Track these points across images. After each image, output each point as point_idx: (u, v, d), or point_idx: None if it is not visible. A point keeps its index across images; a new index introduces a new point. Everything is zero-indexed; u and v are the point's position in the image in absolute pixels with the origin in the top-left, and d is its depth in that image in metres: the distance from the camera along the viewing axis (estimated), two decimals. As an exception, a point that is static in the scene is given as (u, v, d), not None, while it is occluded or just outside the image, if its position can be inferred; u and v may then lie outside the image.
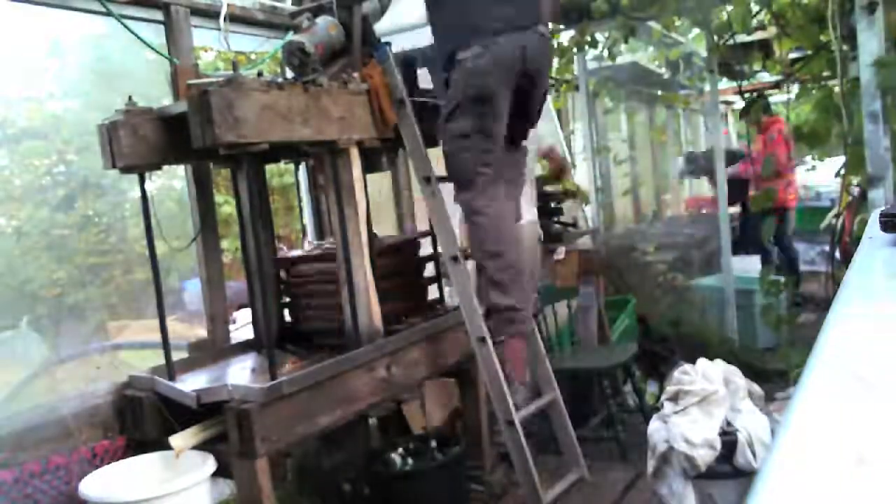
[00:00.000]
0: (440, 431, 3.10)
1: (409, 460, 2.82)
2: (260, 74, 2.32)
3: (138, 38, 2.66)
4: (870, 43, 2.88)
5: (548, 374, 2.86)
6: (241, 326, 3.17)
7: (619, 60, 5.37)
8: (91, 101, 3.08)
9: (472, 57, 2.48)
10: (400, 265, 2.88)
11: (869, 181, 2.92)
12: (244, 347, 2.79)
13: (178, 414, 2.31)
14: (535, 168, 3.58)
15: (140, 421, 2.39)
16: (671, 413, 2.42)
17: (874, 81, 2.86)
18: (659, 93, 7.26)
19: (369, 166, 2.69)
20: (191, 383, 2.39)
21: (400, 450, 2.85)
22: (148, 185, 2.37)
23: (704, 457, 2.28)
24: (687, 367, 2.53)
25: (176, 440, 2.16)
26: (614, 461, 3.36)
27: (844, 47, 3.15)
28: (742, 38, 4.60)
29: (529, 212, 3.64)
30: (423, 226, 3.10)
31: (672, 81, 6.73)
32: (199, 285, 2.83)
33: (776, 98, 6.57)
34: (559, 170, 4.44)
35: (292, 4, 2.74)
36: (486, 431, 3.07)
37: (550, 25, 3.32)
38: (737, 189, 5.49)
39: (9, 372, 2.73)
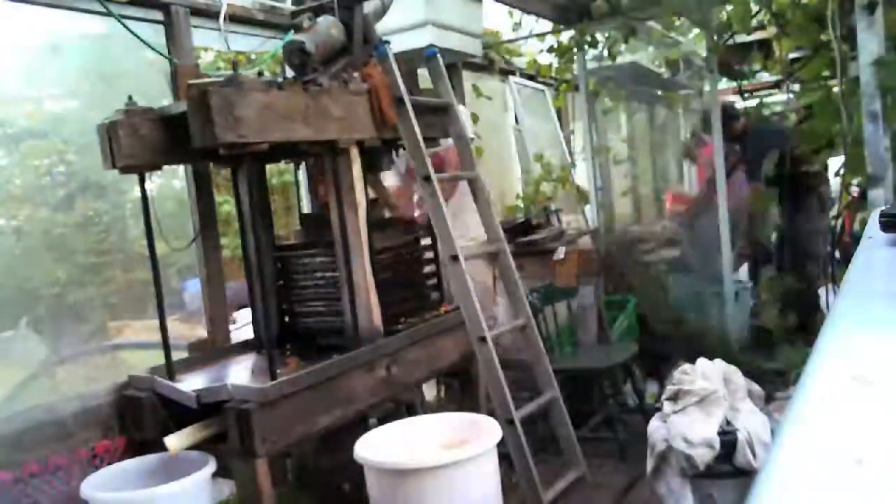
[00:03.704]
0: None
1: (409, 460, 2.82)
2: (260, 74, 2.32)
3: (138, 38, 2.66)
4: (869, 43, 2.88)
5: (548, 373, 2.86)
6: (241, 326, 3.17)
7: (619, 60, 5.37)
8: (91, 101, 3.07)
9: None
10: (399, 262, 2.88)
11: (869, 181, 2.92)
12: (244, 347, 2.80)
13: (178, 414, 2.31)
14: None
15: (140, 421, 2.39)
16: (671, 412, 2.42)
17: (874, 81, 2.86)
18: (659, 93, 7.25)
19: (369, 165, 2.69)
20: (191, 383, 2.39)
21: (400, 450, 2.84)
22: (148, 185, 2.37)
23: (703, 456, 2.28)
24: (687, 366, 2.53)
25: (171, 440, 2.16)
26: (614, 461, 3.36)
27: (844, 47, 3.15)
28: (742, 38, 4.60)
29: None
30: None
31: (672, 81, 6.73)
32: (199, 285, 2.83)
33: (776, 98, 6.57)
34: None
35: (293, 4, 2.74)
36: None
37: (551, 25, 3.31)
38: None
39: (8, 372, 2.73)
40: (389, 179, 3.76)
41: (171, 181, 3.30)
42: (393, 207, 3.80)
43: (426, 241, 3.00)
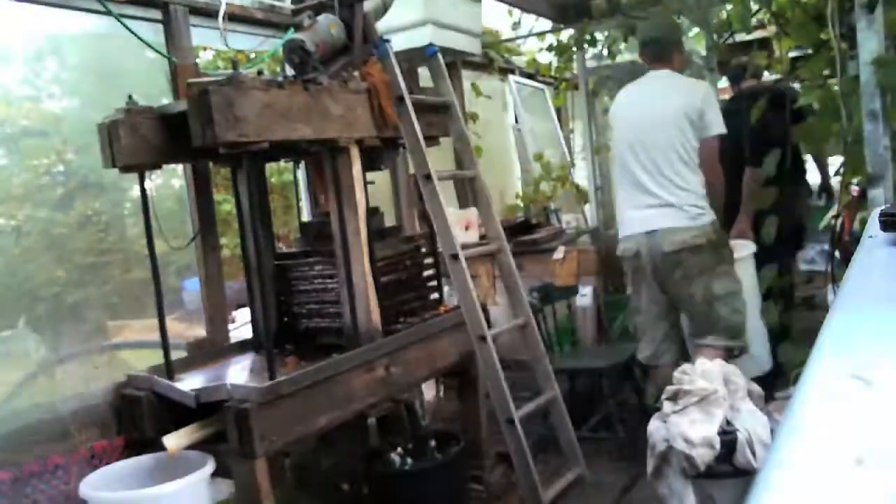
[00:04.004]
0: (439, 430, 3.10)
1: (409, 460, 2.82)
2: (260, 73, 2.32)
3: (138, 37, 2.66)
4: (869, 42, 2.87)
5: (548, 373, 2.86)
6: (241, 326, 3.16)
7: (619, 59, 5.37)
8: (91, 100, 3.07)
9: None
10: (399, 267, 2.87)
11: (869, 181, 2.92)
12: (243, 347, 2.79)
13: (177, 414, 2.31)
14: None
15: (139, 420, 2.39)
16: (671, 412, 2.42)
17: (873, 80, 2.86)
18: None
19: (369, 165, 2.69)
20: (190, 383, 2.39)
21: (399, 450, 2.85)
22: (148, 184, 2.37)
23: (703, 456, 2.28)
24: (687, 366, 2.53)
25: (169, 440, 2.16)
26: (614, 461, 3.36)
27: (844, 46, 3.15)
28: (741, 36, 4.59)
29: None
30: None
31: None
32: (198, 284, 2.83)
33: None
34: None
35: (293, 2, 2.74)
36: (486, 431, 3.07)
37: (550, 24, 3.34)
38: None
39: (8, 372, 2.73)
40: None
41: (170, 180, 3.30)
42: None
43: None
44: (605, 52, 5.18)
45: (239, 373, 2.56)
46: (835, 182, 3.90)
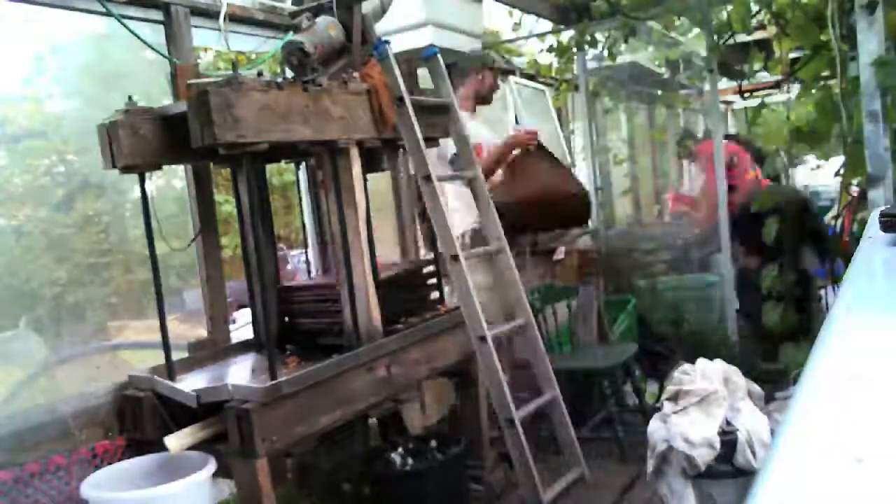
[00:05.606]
0: (440, 431, 3.10)
1: (409, 460, 2.83)
2: (260, 74, 2.32)
3: (138, 38, 2.66)
4: (869, 42, 2.87)
5: (548, 373, 2.86)
6: (241, 326, 3.17)
7: (619, 60, 5.37)
8: (91, 101, 3.07)
9: None
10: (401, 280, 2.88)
11: (869, 181, 2.92)
12: (244, 347, 2.79)
13: (178, 414, 2.31)
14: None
15: (140, 421, 2.39)
16: (671, 413, 2.42)
17: (874, 81, 2.86)
18: (659, 93, 7.26)
19: (369, 166, 2.69)
20: (191, 383, 2.39)
21: (400, 449, 2.85)
22: (148, 185, 2.37)
23: (703, 456, 2.28)
24: (687, 366, 2.54)
25: (171, 440, 2.16)
26: (614, 461, 3.36)
27: (844, 47, 3.15)
28: (742, 37, 4.60)
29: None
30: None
31: (672, 81, 6.73)
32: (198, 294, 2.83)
33: (776, 98, 6.57)
34: None
35: (292, 4, 2.74)
36: (486, 431, 3.07)
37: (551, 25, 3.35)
38: None
39: (8, 372, 2.73)
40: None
41: (171, 181, 3.30)
42: None
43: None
44: (606, 53, 5.18)
45: (240, 373, 2.56)
46: (835, 183, 3.89)
